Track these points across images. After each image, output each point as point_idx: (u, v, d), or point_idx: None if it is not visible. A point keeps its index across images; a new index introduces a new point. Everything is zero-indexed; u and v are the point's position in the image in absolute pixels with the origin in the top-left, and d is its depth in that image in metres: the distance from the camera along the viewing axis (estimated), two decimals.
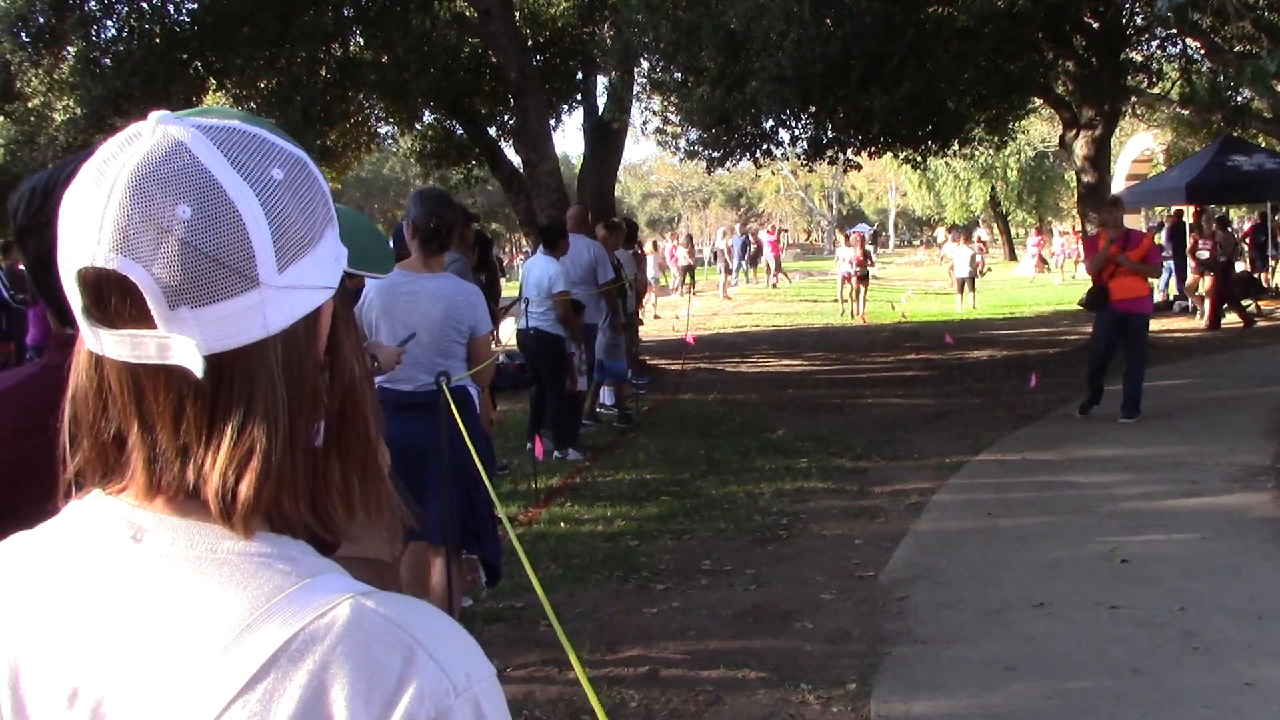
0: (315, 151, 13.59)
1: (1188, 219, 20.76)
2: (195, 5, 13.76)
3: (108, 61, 13.34)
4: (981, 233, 43.31)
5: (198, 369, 0.84)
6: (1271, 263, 23.06)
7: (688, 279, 28.23)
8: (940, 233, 46.62)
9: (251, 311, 0.85)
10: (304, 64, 13.44)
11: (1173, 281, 21.72)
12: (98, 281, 0.84)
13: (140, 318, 0.84)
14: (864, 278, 23.96)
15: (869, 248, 24.83)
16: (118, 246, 0.83)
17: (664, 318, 24.58)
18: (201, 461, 0.86)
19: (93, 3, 13.42)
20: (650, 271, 27.91)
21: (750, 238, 38.18)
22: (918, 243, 54.28)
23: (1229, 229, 21.44)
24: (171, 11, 13.78)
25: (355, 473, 0.95)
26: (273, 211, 0.86)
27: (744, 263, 35.44)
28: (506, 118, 17.39)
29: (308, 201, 0.90)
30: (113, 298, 0.84)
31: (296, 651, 0.82)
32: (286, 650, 0.82)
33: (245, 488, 0.86)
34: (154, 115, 0.88)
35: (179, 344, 0.84)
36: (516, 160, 16.20)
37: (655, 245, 33.62)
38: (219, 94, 14.69)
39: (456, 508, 4.66)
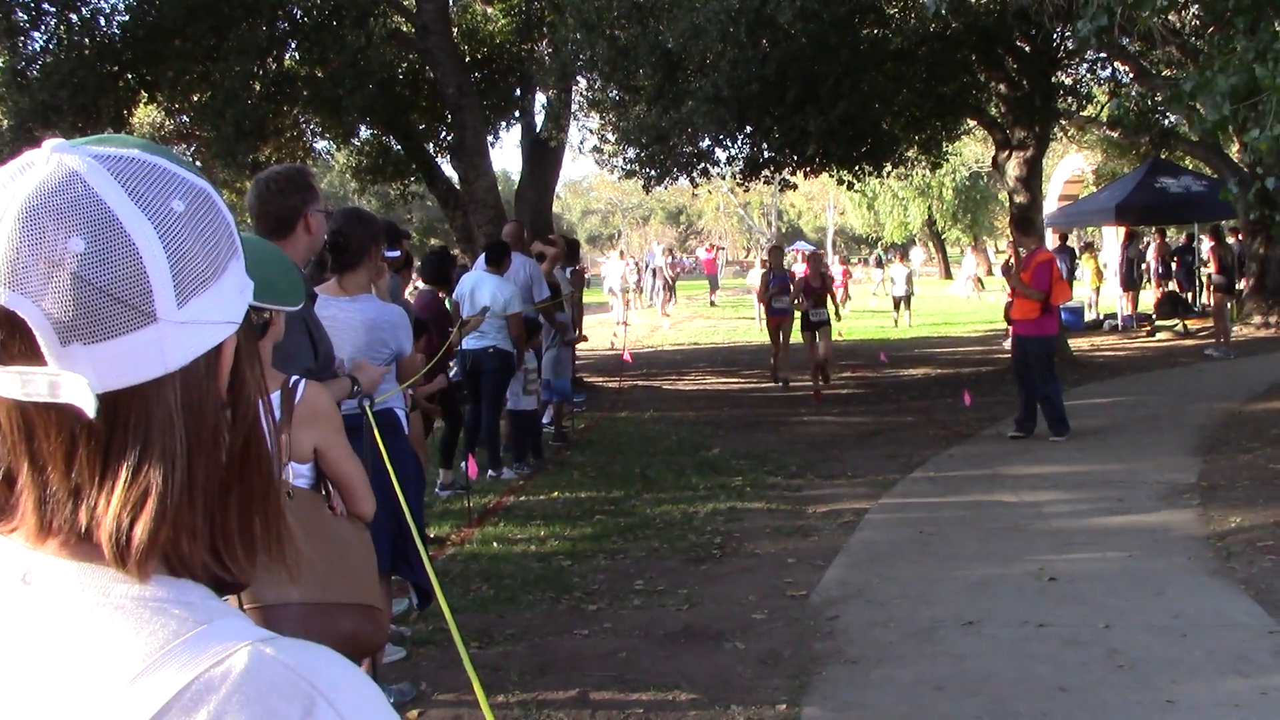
0: (248, 167, 13.44)
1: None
2: (126, 17, 13.57)
3: (35, 73, 13.11)
4: (917, 252, 43.80)
5: (90, 409, 0.81)
6: (1201, 283, 23.54)
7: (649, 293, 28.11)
8: (879, 253, 47.03)
9: (148, 348, 0.82)
10: (237, 78, 13.27)
11: (1124, 302, 22.09)
12: None
13: (30, 354, 0.81)
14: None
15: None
16: (6, 280, 0.79)
17: (603, 335, 24.53)
18: (95, 503, 0.83)
19: (20, 13, 13.18)
20: (616, 282, 27.87)
21: (667, 254, 37.69)
22: (856, 260, 54.90)
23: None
24: (102, 23, 13.58)
25: (257, 512, 0.92)
26: (172, 245, 0.83)
27: (656, 281, 35.27)
28: (444, 134, 17.35)
29: (210, 234, 0.87)
30: (1, 333, 0.81)
31: (190, 701, 0.78)
32: (180, 699, 0.78)
33: (140, 531, 0.83)
34: (48, 143, 0.85)
35: (70, 382, 0.80)
36: (454, 176, 16.15)
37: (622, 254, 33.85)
38: (150, 107, 14.50)
39: (385, 532, 4.59)
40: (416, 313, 7.49)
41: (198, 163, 18.06)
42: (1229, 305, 18.14)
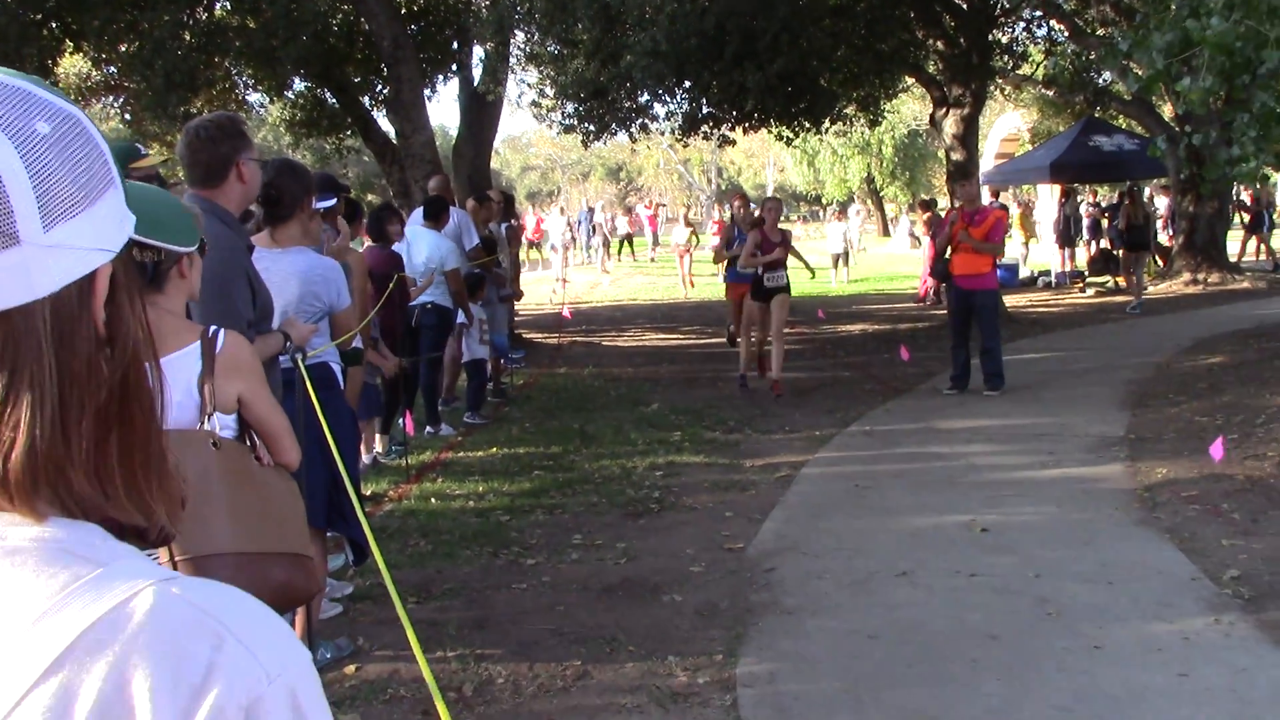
0: (179, 119, 13.15)
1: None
2: None
3: None
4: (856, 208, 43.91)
5: None
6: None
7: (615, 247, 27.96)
8: (831, 210, 46.79)
9: (12, 272, 0.79)
10: (166, 27, 12.96)
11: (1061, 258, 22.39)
12: None
13: None
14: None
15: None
16: None
17: (542, 291, 24.43)
18: None
19: None
20: (557, 238, 27.68)
21: (596, 212, 37.52)
22: (795, 218, 55.06)
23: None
24: None
25: (138, 450, 0.89)
26: (35, 167, 0.80)
27: (590, 239, 35.15)
28: (380, 87, 17.09)
29: (80, 160, 0.84)
30: None
31: (95, 641, 0.76)
32: (84, 640, 0.76)
33: (15, 464, 0.80)
34: None
35: None
36: (391, 131, 15.95)
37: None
38: (75, 57, 14.14)
39: (320, 487, 4.56)
40: (371, 268, 7.42)
41: (127, 114, 17.69)
42: (1147, 261, 18.63)
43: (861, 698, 4.36)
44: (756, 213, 11.90)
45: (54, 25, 13.45)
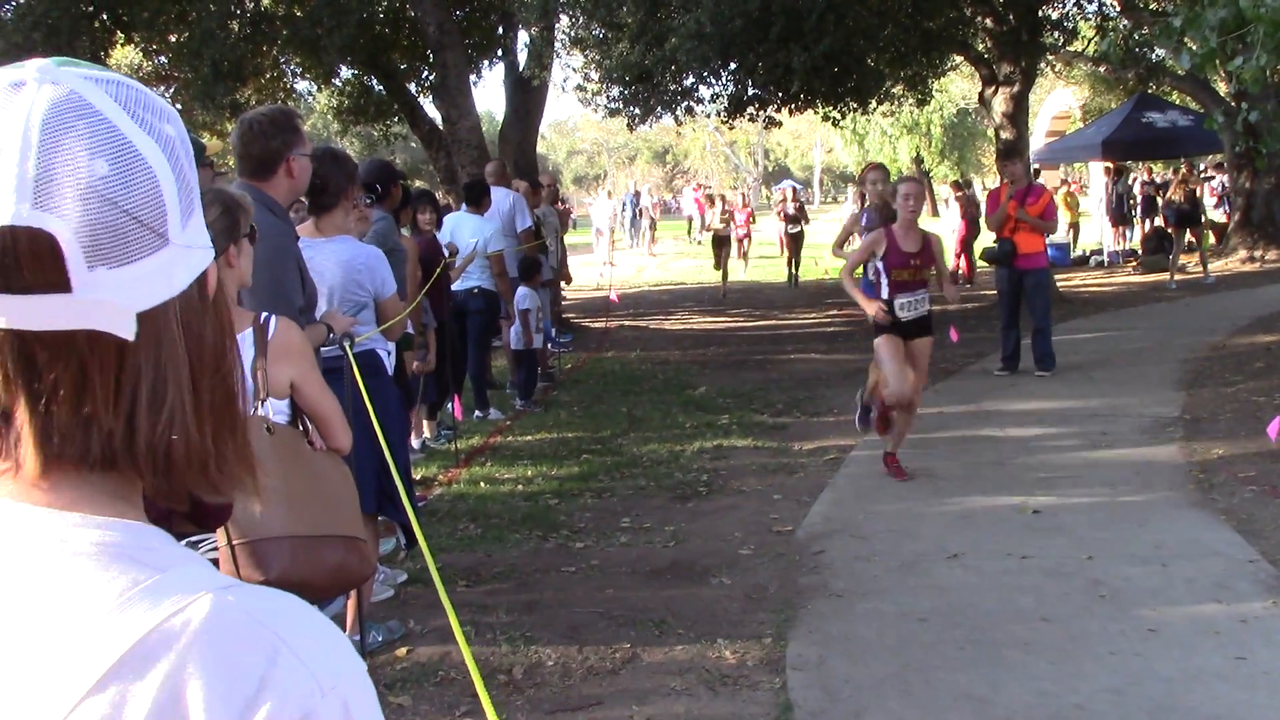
0: (227, 108, 13.30)
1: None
2: None
3: (8, 15, 12.92)
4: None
5: (130, 333, 0.80)
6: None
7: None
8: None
9: (162, 271, 0.82)
10: (214, 17, 13.10)
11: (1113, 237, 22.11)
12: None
13: (47, 281, 0.78)
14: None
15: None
16: (32, 199, 0.77)
17: (589, 275, 24.43)
18: (112, 431, 0.82)
19: None
20: (604, 222, 27.65)
21: (642, 196, 37.38)
22: (843, 199, 54.77)
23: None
24: None
25: (239, 431, 0.92)
26: (175, 167, 0.84)
27: (642, 221, 35.06)
28: (426, 73, 17.16)
29: (190, 159, 0.87)
30: (18, 256, 0.78)
31: (151, 650, 0.76)
32: (140, 648, 0.76)
33: (177, 453, 0.84)
34: (32, 64, 0.82)
35: (101, 307, 0.79)
36: (437, 117, 16.01)
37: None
38: (126, 48, 14.31)
39: (369, 472, 4.60)
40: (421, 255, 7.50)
41: (177, 104, 17.88)
42: (1203, 239, 18.45)
43: (911, 680, 4.34)
44: (893, 196, 7.96)
45: (105, 17, 13.63)
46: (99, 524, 0.82)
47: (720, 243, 20.24)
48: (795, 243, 21.55)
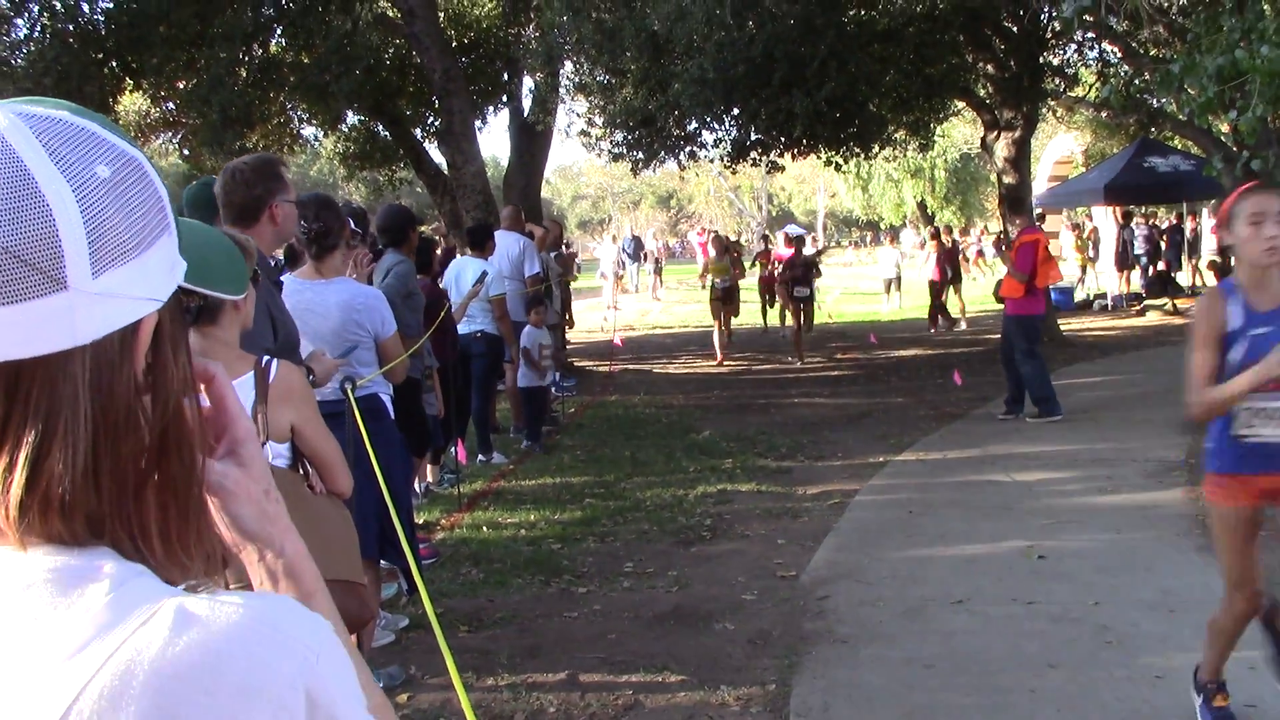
0: (236, 152, 13.37)
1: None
2: (110, 4, 13.49)
3: (19, 61, 13.03)
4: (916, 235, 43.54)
5: None
6: (1187, 262, 23.59)
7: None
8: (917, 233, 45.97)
9: (57, 317, 0.78)
10: (223, 64, 13.21)
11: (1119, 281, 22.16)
12: None
13: None
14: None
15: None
16: None
17: (593, 319, 24.44)
18: (6, 479, 0.79)
19: (3, 1, 13.09)
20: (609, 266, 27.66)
21: (642, 240, 37.55)
22: (846, 243, 54.90)
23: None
24: (85, 10, 13.47)
25: (174, 504, 0.88)
26: (91, 211, 0.80)
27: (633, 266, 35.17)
28: (431, 119, 17.30)
29: (136, 205, 0.83)
30: None
31: (109, 684, 0.75)
32: (98, 682, 0.75)
33: (34, 516, 0.79)
34: None
35: None
36: (442, 162, 16.10)
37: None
38: (135, 94, 14.42)
39: (371, 516, 4.59)
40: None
41: (185, 150, 18.01)
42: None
43: None
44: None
45: (114, 64, 13.73)
46: (49, 553, 0.81)
47: (729, 295, 16.96)
48: (801, 308, 16.94)
